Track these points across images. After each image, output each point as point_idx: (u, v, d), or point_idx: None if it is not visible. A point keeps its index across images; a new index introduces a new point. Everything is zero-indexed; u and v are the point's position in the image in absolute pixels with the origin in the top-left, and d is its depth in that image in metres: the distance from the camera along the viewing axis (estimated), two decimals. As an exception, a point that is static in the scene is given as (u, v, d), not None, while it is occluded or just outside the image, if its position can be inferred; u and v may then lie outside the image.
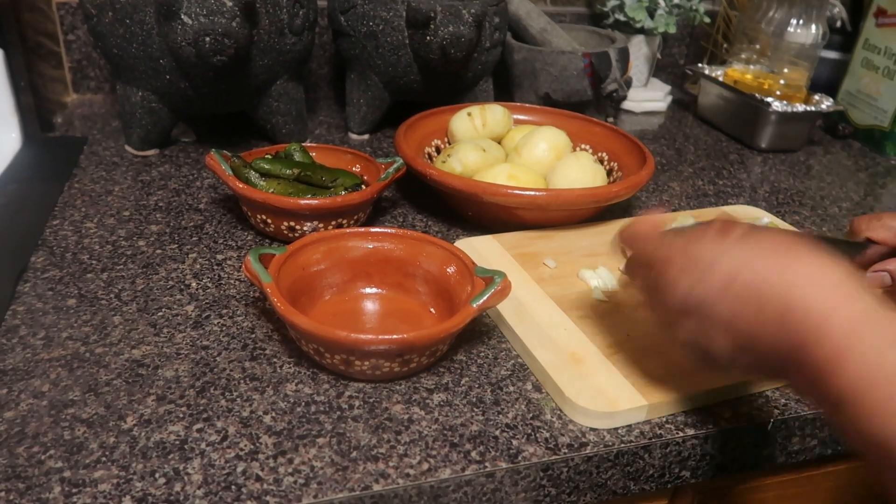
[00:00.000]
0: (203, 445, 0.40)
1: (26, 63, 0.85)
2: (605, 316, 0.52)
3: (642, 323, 0.51)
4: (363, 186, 0.63)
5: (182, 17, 0.63)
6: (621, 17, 1.02)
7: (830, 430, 0.46)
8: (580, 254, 0.59)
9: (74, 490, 0.36)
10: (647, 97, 1.06)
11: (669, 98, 1.09)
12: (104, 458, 0.38)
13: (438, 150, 0.75)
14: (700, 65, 1.06)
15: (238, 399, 0.43)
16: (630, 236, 0.42)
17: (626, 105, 1.05)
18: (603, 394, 0.44)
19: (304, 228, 0.58)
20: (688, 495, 0.51)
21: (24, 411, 0.41)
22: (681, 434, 0.44)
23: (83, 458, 0.38)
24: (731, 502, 0.54)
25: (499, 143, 0.74)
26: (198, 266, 0.57)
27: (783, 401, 0.47)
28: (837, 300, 0.30)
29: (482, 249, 0.59)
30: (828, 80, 1.06)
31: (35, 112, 0.82)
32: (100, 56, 0.90)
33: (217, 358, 0.47)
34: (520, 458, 0.41)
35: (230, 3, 0.64)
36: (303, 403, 0.44)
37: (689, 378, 0.46)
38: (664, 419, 0.44)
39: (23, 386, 0.43)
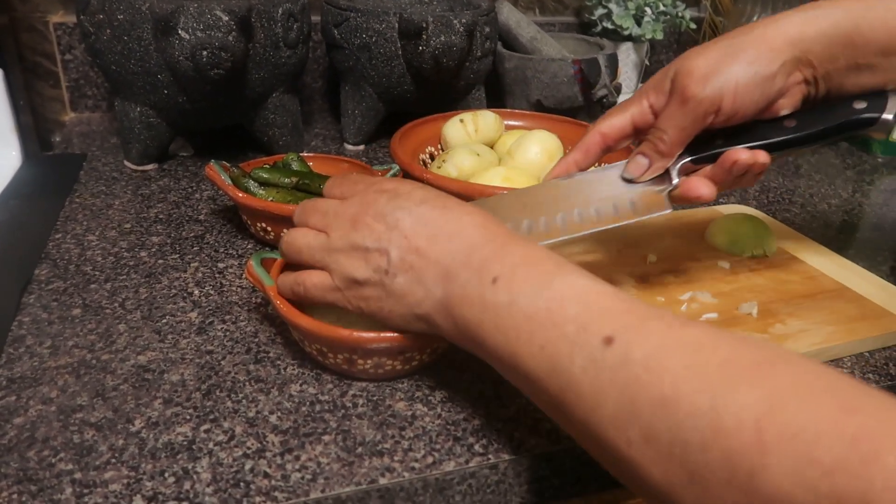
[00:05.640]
0: (211, 445, 0.40)
1: (25, 83, 0.87)
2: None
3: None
4: (360, 193, 0.64)
5: (179, 32, 0.64)
6: (609, 25, 1.04)
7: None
8: (573, 253, 0.60)
9: (86, 491, 0.37)
10: (637, 103, 1.07)
11: (659, 103, 1.11)
12: (114, 460, 0.39)
13: (433, 157, 0.76)
14: (688, 70, 1.08)
15: (244, 400, 0.44)
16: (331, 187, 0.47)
17: (617, 111, 1.06)
18: None
19: (304, 235, 0.59)
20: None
21: (33, 417, 0.42)
22: (679, 423, 0.44)
23: (93, 459, 0.39)
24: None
25: (491, 147, 0.75)
26: (200, 274, 0.58)
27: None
28: (494, 225, 0.40)
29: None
30: (813, 82, 1.08)
31: (34, 131, 0.84)
32: (97, 74, 0.91)
33: (222, 362, 0.48)
34: (522, 449, 0.42)
35: (226, 18, 0.65)
36: (307, 403, 0.44)
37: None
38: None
39: (31, 393, 0.44)
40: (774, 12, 0.98)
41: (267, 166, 0.64)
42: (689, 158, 0.49)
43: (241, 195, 0.59)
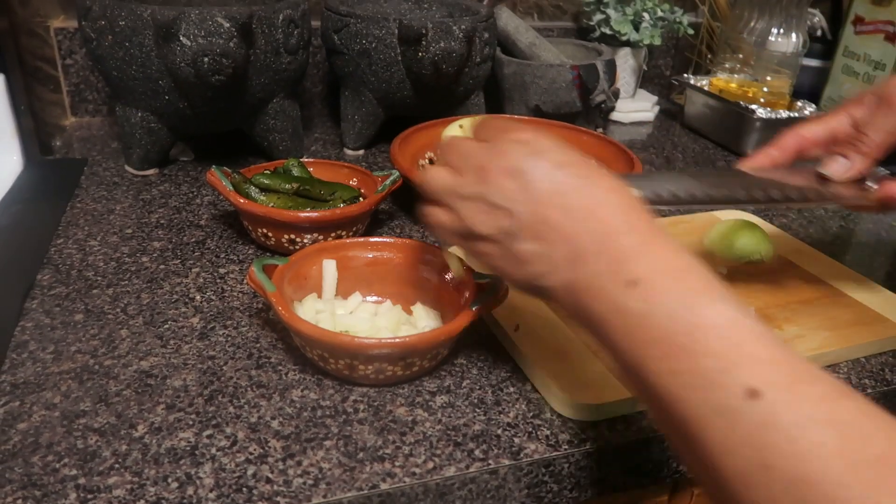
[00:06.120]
0: (213, 450, 0.41)
1: (25, 87, 0.87)
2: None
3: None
4: (361, 199, 0.65)
5: (181, 38, 0.65)
6: (607, 31, 1.05)
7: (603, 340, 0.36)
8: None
9: (90, 496, 0.37)
10: (635, 108, 1.08)
11: (657, 108, 1.11)
12: (117, 465, 0.39)
13: (432, 162, 0.76)
14: (685, 75, 1.08)
15: (246, 406, 0.45)
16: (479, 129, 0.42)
17: (615, 116, 1.07)
18: (589, 387, 0.45)
19: (305, 241, 0.60)
20: (687, 490, 0.53)
21: (37, 422, 0.42)
22: (677, 428, 0.45)
23: (97, 465, 0.39)
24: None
25: (492, 154, 0.75)
26: (201, 280, 0.58)
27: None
28: (637, 210, 0.36)
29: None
30: (810, 88, 1.09)
31: (35, 135, 0.84)
32: (98, 79, 0.91)
33: (224, 367, 0.48)
34: (522, 455, 0.42)
35: (227, 24, 0.66)
36: (309, 408, 0.45)
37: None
38: (661, 414, 0.46)
39: (35, 398, 0.44)
40: (772, 18, 0.99)
41: (268, 172, 0.65)
42: (887, 171, 0.51)
43: (242, 201, 0.59)
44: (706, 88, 1.02)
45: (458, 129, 0.75)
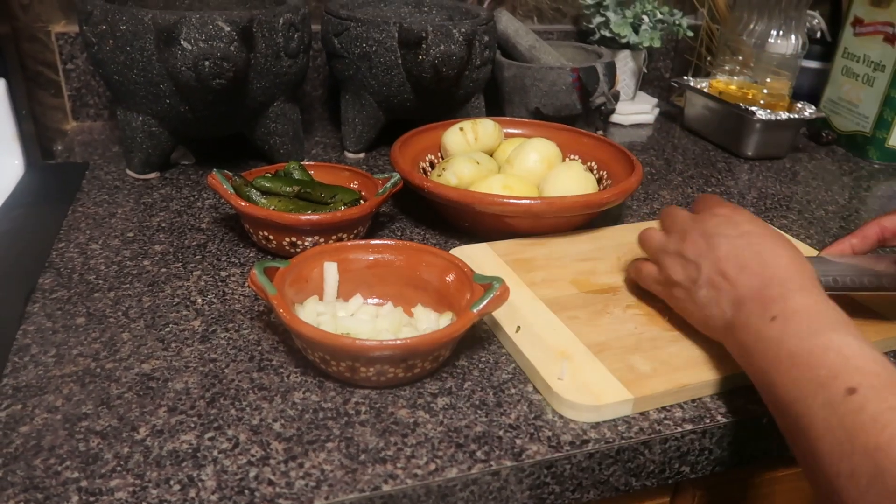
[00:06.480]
0: (215, 453, 0.41)
1: (27, 92, 0.87)
2: (594, 317, 0.53)
3: (631, 321, 0.53)
4: (361, 201, 0.65)
5: (182, 42, 0.65)
6: (607, 33, 1.05)
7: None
8: (571, 259, 0.61)
9: (92, 499, 0.37)
10: (635, 110, 1.08)
11: (657, 110, 1.11)
12: (119, 468, 0.40)
13: (433, 165, 0.77)
14: (685, 77, 1.09)
15: (247, 408, 0.45)
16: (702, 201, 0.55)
17: (615, 118, 1.07)
18: (589, 388, 0.45)
19: (305, 244, 0.60)
20: (689, 491, 0.53)
21: (39, 425, 0.42)
22: (679, 429, 0.45)
23: (99, 467, 0.39)
24: (731, 497, 0.55)
25: (491, 156, 0.75)
26: (202, 283, 0.58)
27: (777, 395, 0.48)
28: (792, 270, 0.45)
29: (477, 257, 0.60)
30: (810, 89, 1.09)
31: (36, 140, 0.84)
32: (99, 83, 0.92)
33: (225, 370, 0.48)
34: (524, 456, 0.42)
35: (228, 28, 0.66)
36: (311, 410, 0.45)
37: (674, 373, 0.47)
38: (662, 415, 0.46)
39: (37, 401, 0.44)
40: (771, 20, 0.99)
41: (269, 175, 0.65)
42: None
43: (243, 204, 0.60)
44: (706, 90, 1.02)
45: (458, 131, 0.76)
